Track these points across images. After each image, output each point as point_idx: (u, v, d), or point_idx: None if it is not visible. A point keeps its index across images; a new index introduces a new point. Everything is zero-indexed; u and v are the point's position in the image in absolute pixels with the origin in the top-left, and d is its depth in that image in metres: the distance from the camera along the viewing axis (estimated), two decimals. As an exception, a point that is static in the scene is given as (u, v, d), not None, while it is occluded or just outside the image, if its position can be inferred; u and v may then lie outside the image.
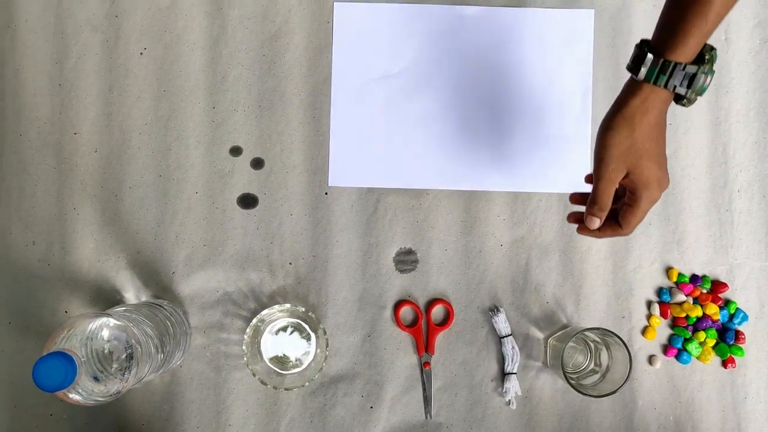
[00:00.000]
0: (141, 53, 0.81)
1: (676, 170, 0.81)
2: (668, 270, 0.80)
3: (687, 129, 0.82)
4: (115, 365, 0.59)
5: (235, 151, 0.81)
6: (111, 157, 0.80)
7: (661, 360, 0.79)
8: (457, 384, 0.79)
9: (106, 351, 0.59)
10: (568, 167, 0.82)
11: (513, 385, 0.78)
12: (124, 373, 0.59)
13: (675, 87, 0.59)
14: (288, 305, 0.75)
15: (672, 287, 0.80)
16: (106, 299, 0.78)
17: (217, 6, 0.81)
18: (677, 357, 0.79)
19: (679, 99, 0.61)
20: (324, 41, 0.82)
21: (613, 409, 0.79)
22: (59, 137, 0.80)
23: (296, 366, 0.77)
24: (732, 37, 0.82)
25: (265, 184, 0.80)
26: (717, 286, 0.80)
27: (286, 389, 0.74)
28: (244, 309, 0.79)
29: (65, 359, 0.54)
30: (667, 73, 0.59)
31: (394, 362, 0.79)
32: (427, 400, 0.78)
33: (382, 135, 0.82)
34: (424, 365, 0.79)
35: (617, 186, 0.64)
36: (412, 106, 0.82)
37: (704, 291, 0.80)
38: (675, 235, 0.81)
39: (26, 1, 0.81)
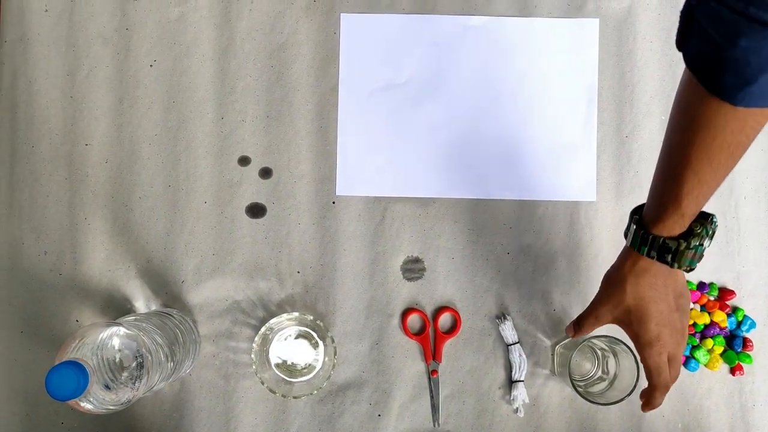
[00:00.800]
0: (151, 65, 0.82)
1: (683, 178, 0.81)
2: (675, 277, 0.80)
3: (693, 136, 0.82)
4: (125, 374, 0.59)
5: (244, 160, 0.81)
6: (121, 167, 0.81)
7: (668, 367, 0.79)
8: (465, 392, 0.79)
9: (116, 360, 0.60)
10: (574, 175, 0.82)
11: (520, 393, 0.78)
12: (134, 382, 0.60)
13: (658, 257, 0.60)
14: (296, 314, 0.76)
15: (679, 294, 0.80)
16: (117, 308, 0.79)
17: (225, 18, 0.83)
18: (685, 364, 0.79)
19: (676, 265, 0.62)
20: (331, 52, 0.82)
21: (621, 417, 0.79)
22: (71, 148, 0.81)
23: (305, 373, 0.77)
24: (737, 44, 0.83)
25: (273, 193, 0.81)
26: (724, 293, 0.80)
27: (294, 397, 0.74)
28: (253, 317, 0.79)
29: (77, 368, 0.54)
30: (648, 245, 0.60)
31: (401, 370, 0.79)
32: (434, 408, 0.78)
33: (389, 144, 0.82)
34: (431, 373, 0.79)
35: (602, 325, 0.67)
36: (419, 116, 0.82)
37: (711, 298, 0.80)
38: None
39: (38, 15, 0.82)
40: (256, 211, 0.81)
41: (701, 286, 0.80)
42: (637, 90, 0.82)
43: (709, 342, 0.79)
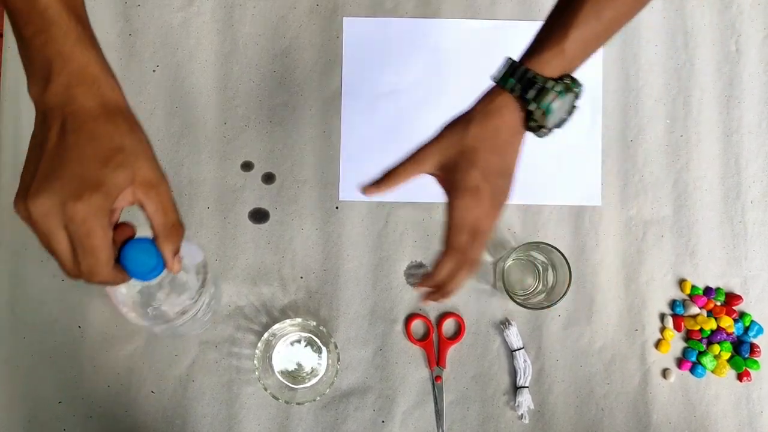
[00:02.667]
0: (154, 70, 0.82)
1: (688, 182, 0.81)
2: (681, 282, 0.80)
3: (699, 140, 0.81)
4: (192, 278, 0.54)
5: (247, 166, 0.81)
6: (124, 173, 0.81)
7: (675, 373, 0.79)
8: (469, 398, 0.78)
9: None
10: (579, 180, 0.81)
11: (525, 399, 0.77)
12: (200, 288, 0.54)
13: (521, 94, 0.55)
14: (299, 319, 0.75)
15: (685, 300, 0.80)
16: (120, 315, 0.79)
17: (228, 23, 0.82)
18: (691, 370, 0.79)
19: (529, 119, 0.57)
20: (334, 56, 0.82)
21: (627, 423, 0.78)
22: (73, 154, 0.81)
23: (308, 379, 0.77)
24: (743, 48, 0.82)
25: (276, 198, 0.81)
26: (731, 298, 0.79)
27: (297, 403, 0.74)
28: (256, 323, 0.79)
29: (155, 247, 0.47)
30: (516, 76, 0.56)
31: (405, 376, 0.79)
32: (438, 415, 0.78)
33: (392, 149, 0.82)
34: (435, 379, 0.78)
35: (422, 172, 0.59)
36: (422, 120, 0.82)
37: (718, 303, 0.80)
38: (688, 247, 0.80)
39: (41, 21, 0.82)
40: (259, 216, 0.81)
41: (708, 291, 0.79)
42: (641, 94, 0.82)
43: (716, 348, 0.78)
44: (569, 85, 0.56)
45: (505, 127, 0.57)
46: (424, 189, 0.81)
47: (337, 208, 0.81)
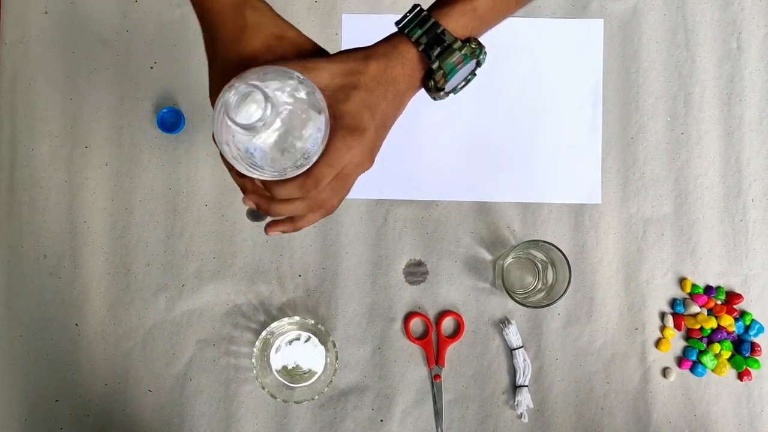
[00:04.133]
0: (151, 67, 0.81)
1: (689, 180, 0.81)
2: (682, 281, 0.80)
3: (699, 138, 0.81)
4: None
5: (245, 163, 0.81)
6: (121, 170, 0.80)
7: (675, 372, 0.78)
8: (468, 397, 0.78)
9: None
10: (579, 177, 0.81)
11: (525, 398, 0.77)
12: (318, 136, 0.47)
13: (425, 49, 0.52)
14: (297, 318, 0.75)
15: (686, 298, 0.79)
16: (117, 313, 0.79)
17: (226, 19, 0.82)
18: (692, 369, 0.78)
19: (428, 77, 0.53)
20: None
21: (627, 422, 0.78)
22: (71, 151, 0.80)
23: (306, 378, 0.76)
24: (744, 45, 0.82)
25: (274, 196, 0.80)
26: (732, 297, 0.79)
27: (296, 402, 0.74)
28: (254, 321, 0.79)
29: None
30: (424, 29, 0.52)
31: (404, 375, 0.78)
32: (437, 414, 0.78)
33: (391, 146, 0.81)
34: (434, 378, 0.78)
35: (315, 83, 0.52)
36: (421, 118, 0.81)
37: (719, 302, 0.79)
38: (688, 246, 0.80)
39: (39, 16, 0.82)
40: (257, 214, 0.80)
41: (708, 289, 0.79)
42: (642, 91, 0.82)
43: (717, 347, 0.78)
44: (475, 50, 0.53)
45: (402, 78, 0.53)
46: (423, 187, 0.81)
47: (335, 205, 0.80)
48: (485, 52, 0.55)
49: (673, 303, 0.79)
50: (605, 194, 0.81)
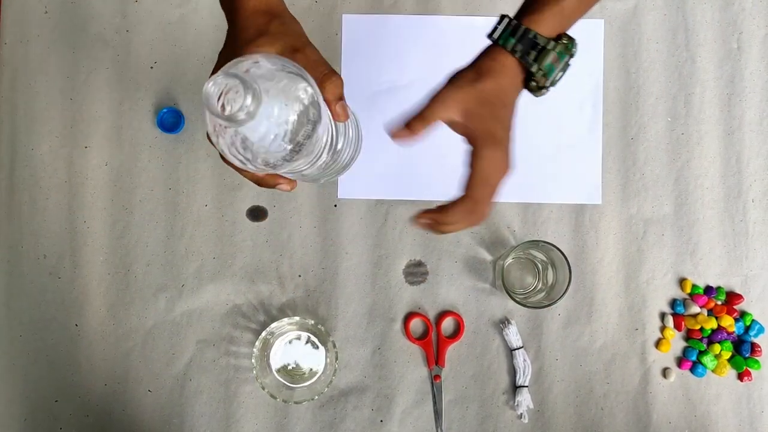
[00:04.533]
0: (151, 67, 0.81)
1: (689, 180, 0.81)
2: (682, 281, 0.79)
3: (700, 138, 0.81)
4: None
5: (245, 163, 0.81)
6: (121, 170, 0.80)
7: (675, 373, 0.78)
8: (468, 397, 0.78)
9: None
10: (579, 178, 0.81)
11: (525, 399, 0.77)
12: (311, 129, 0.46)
13: (522, 55, 0.55)
14: (297, 318, 0.75)
15: (686, 299, 0.79)
16: (117, 313, 0.79)
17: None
18: (692, 370, 0.78)
19: (530, 80, 0.57)
20: (332, 53, 0.82)
21: (627, 422, 0.78)
22: (70, 151, 0.80)
23: (306, 378, 0.76)
24: (744, 46, 0.82)
25: (274, 196, 0.80)
26: (732, 297, 0.79)
27: (295, 402, 0.74)
28: (254, 322, 0.79)
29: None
30: (516, 37, 0.56)
31: (404, 375, 0.78)
32: (437, 414, 0.77)
33: (391, 147, 0.81)
34: (434, 378, 0.78)
35: (448, 116, 0.57)
36: (422, 118, 0.81)
37: (719, 302, 0.79)
38: (688, 246, 0.80)
39: (39, 16, 0.82)
40: (257, 214, 0.80)
41: (708, 290, 0.79)
42: (642, 91, 0.81)
43: (717, 347, 0.78)
44: (567, 45, 0.57)
45: (510, 86, 0.57)
46: (423, 187, 0.81)
47: (335, 205, 0.80)
48: (576, 44, 0.57)
49: (673, 303, 0.79)
50: (605, 194, 0.80)
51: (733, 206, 0.80)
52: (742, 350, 0.78)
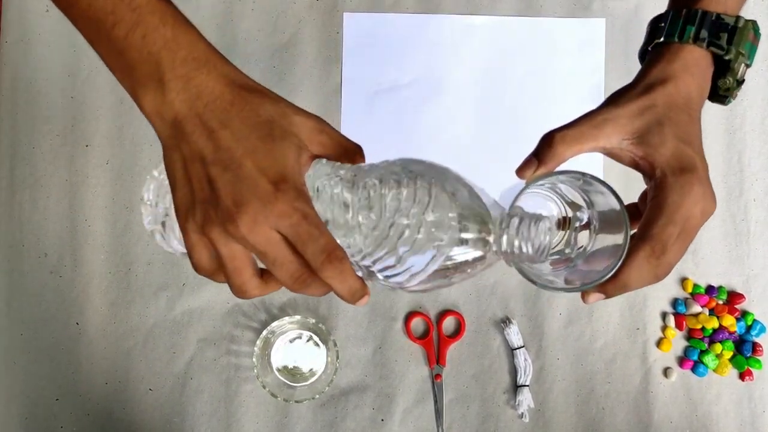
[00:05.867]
0: (152, 66, 0.81)
1: (691, 179, 0.80)
2: (683, 281, 0.79)
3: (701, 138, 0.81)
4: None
5: (246, 162, 0.81)
6: (122, 169, 0.80)
7: (676, 372, 0.78)
8: (469, 396, 0.78)
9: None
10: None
11: (526, 398, 0.77)
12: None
13: (709, 42, 0.43)
14: (298, 317, 0.75)
15: (687, 298, 0.79)
16: (118, 311, 0.78)
17: (227, 18, 0.82)
18: (693, 369, 0.78)
19: (724, 75, 0.45)
20: (334, 52, 0.82)
21: (628, 422, 0.78)
22: (71, 149, 0.80)
23: (307, 377, 0.76)
24: (746, 44, 0.82)
25: (275, 195, 0.80)
26: (733, 297, 0.79)
27: (296, 402, 0.74)
28: (255, 320, 0.79)
29: None
30: (695, 23, 0.44)
31: (405, 374, 0.78)
32: (438, 413, 0.77)
33: (392, 145, 0.81)
34: (435, 377, 0.78)
35: (607, 143, 0.44)
36: (423, 117, 0.81)
37: (720, 302, 0.79)
38: (690, 245, 0.80)
39: (39, 16, 0.81)
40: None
41: (710, 289, 0.79)
42: (644, 90, 0.81)
43: (718, 347, 0.78)
44: (755, 24, 0.46)
45: (696, 90, 0.44)
46: (425, 186, 0.81)
47: (336, 204, 0.80)
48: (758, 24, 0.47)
49: (674, 303, 0.79)
50: (607, 194, 0.80)
51: (735, 206, 0.80)
52: (744, 350, 0.78)
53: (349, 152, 0.43)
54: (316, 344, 0.77)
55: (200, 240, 0.39)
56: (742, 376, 0.78)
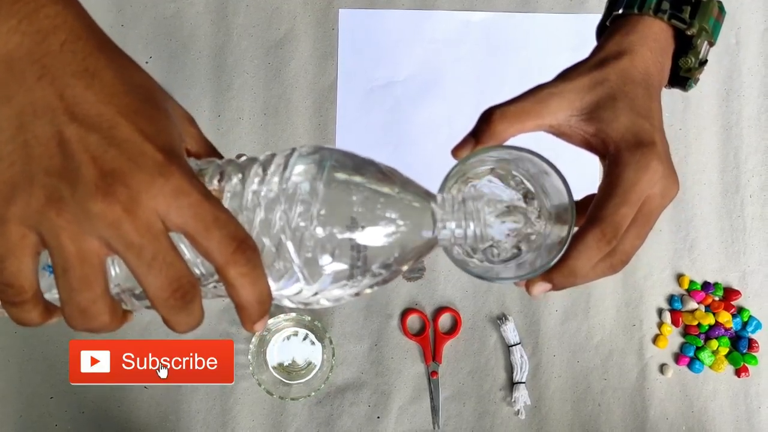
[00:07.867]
0: (147, 62, 0.81)
1: (687, 176, 0.80)
2: (679, 277, 0.79)
3: (698, 134, 0.81)
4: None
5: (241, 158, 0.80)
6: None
7: (672, 369, 0.78)
8: (465, 393, 0.78)
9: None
10: (576, 174, 0.80)
11: (522, 395, 0.77)
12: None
13: (671, 14, 0.40)
14: (294, 314, 0.75)
15: (683, 295, 0.79)
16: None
17: (222, 14, 0.81)
18: (689, 366, 0.78)
19: (685, 52, 0.42)
20: (329, 48, 0.81)
21: (625, 418, 0.78)
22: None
23: (303, 374, 0.76)
24: (742, 41, 0.81)
25: (270, 192, 0.80)
26: (729, 293, 0.79)
27: (292, 399, 0.73)
28: (250, 318, 0.78)
29: None
30: None
31: (401, 372, 0.78)
32: (434, 410, 0.77)
33: (388, 142, 0.81)
34: (431, 374, 0.78)
35: (553, 120, 0.41)
36: (418, 113, 0.81)
37: (716, 298, 0.79)
38: (686, 242, 0.80)
39: None
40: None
41: (706, 286, 0.79)
42: (640, 87, 0.81)
43: (714, 343, 0.78)
44: (720, 2, 0.42)
45: (653, 65, 0.40)
46: (420, 182, 0.80)
47: (332, 201, 0.80)
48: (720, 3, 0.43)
49: (670, 299, 0.79)
50: (603, 190, 0.80)
51: (731, 202, 0.80)
52: (740, 346, 0.78)
53: (214, 154, 0.37)
54: (312, 342, 0.77)
55: (26, 237, 0.27)
56: (738, 373, 0.78)
